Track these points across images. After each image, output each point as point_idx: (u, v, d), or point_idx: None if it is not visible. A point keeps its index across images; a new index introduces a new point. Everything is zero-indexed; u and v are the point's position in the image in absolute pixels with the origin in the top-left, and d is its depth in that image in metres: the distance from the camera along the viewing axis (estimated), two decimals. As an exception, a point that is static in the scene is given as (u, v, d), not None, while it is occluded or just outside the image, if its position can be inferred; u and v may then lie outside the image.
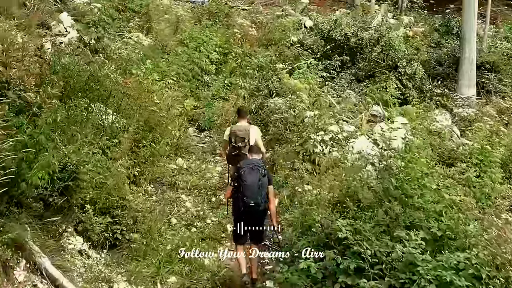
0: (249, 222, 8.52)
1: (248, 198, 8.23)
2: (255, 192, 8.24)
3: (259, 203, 8.28)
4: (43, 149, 7.55)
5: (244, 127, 10.16)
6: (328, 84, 15.18)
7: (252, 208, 8.28)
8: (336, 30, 16.71)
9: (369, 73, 16.52)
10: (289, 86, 13.78)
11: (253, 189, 8.23)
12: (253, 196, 8.23)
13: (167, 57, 16.62)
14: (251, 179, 8.26)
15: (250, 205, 8.24)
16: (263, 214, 8.57)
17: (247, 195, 8.23)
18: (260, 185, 8.28)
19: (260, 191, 8.29)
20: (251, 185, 8.23)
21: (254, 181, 8.25)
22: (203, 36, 18.13)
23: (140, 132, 11.02)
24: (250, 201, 8.22)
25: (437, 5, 36.62)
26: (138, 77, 12.99)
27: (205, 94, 16.27)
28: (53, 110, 9.43)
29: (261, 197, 8.30)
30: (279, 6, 31.48)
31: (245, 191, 8.26)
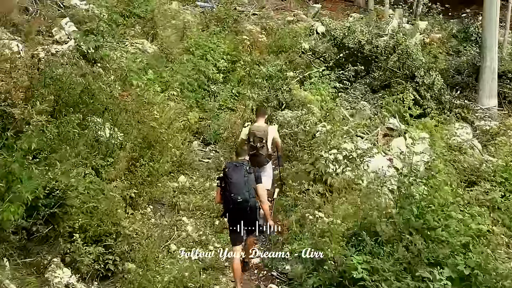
0: (241, 220, 8.60)
1: (235, 195, 8.31)
2: (242, 188, 8.33)
3: (247, 198, 8.35)
4: (17, 180, 6.72)
5: (263, 127, 10.30)
6: (341, 95, 14.24)
7: (241, 204, 8.35)
8: (350, 38, 15.76)
9: (384, 83, 15.59)
10: (299, 98, 12.88)
11: (239, 185, 8.33)
12: (239, 192, 8.31)
13: (172, 66, 15.80)
14: (236, 176, 8.37)
15: (238, 201, 8.31)
16: (254, 212, 8.62)
17: (233, 192, 8.32)
18: (245, 181, 8.37)
19: (247, 187, 8.37)
20: (237, 182, 8.34)
21: (239, 178, 8.36)
22: (210, 43, 17.29)
23: (138, 149, 10.21)
24: (238, 197, 8.30)
25: (453, 9, 35.61)
26: (138, 89, 12.17)
27: (211, 104, 15.40)
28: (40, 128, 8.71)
29: (248, 193, 8.37)
30: (290, 11, 30.65)
31: (231, 188, 8.35)
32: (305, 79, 16.60)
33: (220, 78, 16.96)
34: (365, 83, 15.44)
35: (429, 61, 16.54)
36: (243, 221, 8.59)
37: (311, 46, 20.46)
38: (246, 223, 8.63)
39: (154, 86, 12.90)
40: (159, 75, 14.55)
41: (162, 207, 10.69)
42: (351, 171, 10.18)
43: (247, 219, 8.61)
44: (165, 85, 14.33)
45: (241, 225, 8.61)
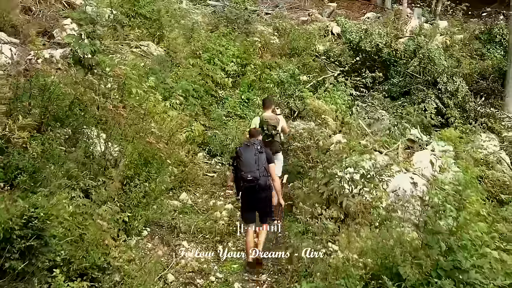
0: (253, 199, 8.80)
1: (245, 173, 8.51)
2: (252, 166, 8.52)
3: (257, 176, 8.51)
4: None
5: (274, 116, 10.64)
6: (357, 103, 13.16)
7: (251, 182, 8.53)
8: (367, 41, 14.64)
9: (404, 89, 14.54)
10: (312, 108, 11.86)
11: (250, 163, 8.54)
12: (250, 170, 8.51)
13: (177, 70, 14.84)
14: (246, 154, 8.62)
15: (249, 178, 8.50)
16: (266, 192, 8.79)
17: (244, 170, 8.54)
18: (256, 159, 8.56)
19: (257, 165, 8.55)
20: (247, 160, 8.56)
21: (250, 156, 8.58)
22: (219, 46, 16.32)
23: (133, 167, 9.25)
24: (248, 175, 8.49)
25: (473, 8, 34.34)
26: (138, 98, 11.23)
27: (219, 112, 14.44)
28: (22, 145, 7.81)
29: (259, 172, 8.54)
30: (305, 10, 29.63)
31: (242, 166, 8.58)
32: (319, 84, 15.58)
33: (229, 83, 16.05)
34: (383, 89, 14.32)
35: (451, 65, 15.41)
36: (255, 202, 8.81)
37: (326, 48, 19.45)
38: (258, 204, 8.85)
39: (156, 94, 11.93)
40: (162, 80, 13.60)
41: (161, 229, 9.73)
42: (369, 192, 9.14)
43: (258, 199, 8.77)
44: (169, 91, 13.39)
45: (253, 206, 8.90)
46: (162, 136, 10.37)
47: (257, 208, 8.97)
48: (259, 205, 8.92)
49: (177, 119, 11.77)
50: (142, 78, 12.82)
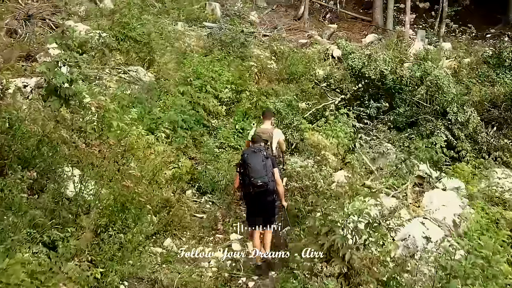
0: (260, 205, 9.06)
1: (255, 178, 8.73)
2: (261, 172, 8.77)
3: (266, 182, 8.78)
4: None
5: (268, 130, 10.44)
6: (361, 135, 12.01)
7: (261, 187, 8.77)
8: (370, 67, 13.54)
9: (410, 119, 13.44)
10: (311, 143, 10.76)
11: (259, 169, 8.77)
12: (260, 176, 8.74)
13: (166, 98, 13.79)
14: (254, 161, 8.82)
15: (259, 184, 8.73)
16: (273, 197, 9.07)
17: (253, 176, 8.76)
18: (264, 165, 8.82)
19: (266, 171, 8.80)
20: (256, 166, 8.78)
21: (258, 162, 8.80)
22: (212, 72, 15.26)
23: (108, 214, 8.15)
24: (258, 181, 8.71)
25: (476, 29, 33.48)
26: (119, 132, 10.17)
27: (211, 143, 13.36)
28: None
29: (267, 177, 8.80)
30: (304, 32, 28.71)
31: (251, 172, 8.79)
32: (319, 112, 14.52)
33: (223, 111, 15.00)
34: (388, 119, 13.21)
35: (460, 93, 14.34)
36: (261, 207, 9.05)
37: (326, 72, 18.44)
38: (264, 209, 9.08)
39: (139, 127, 10.85)
40: (149, 110, 12.54)
41: (140, 284, 8.58)
42: (376, 243, 8.01)
43: (266, 204, 9.04)
44: (156, 123, 12.32)
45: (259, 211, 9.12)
46: (144, 176, 9.25)
47: (264, 212, 9.16)
48: (266, 209, 9.14)
49: (163, 154, 10.66)
50: (126, 109, 11.79)
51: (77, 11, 22.05)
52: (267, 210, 9.18)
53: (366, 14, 33.58)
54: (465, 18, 33.74)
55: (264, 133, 10.30)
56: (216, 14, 27.01)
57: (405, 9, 31.18)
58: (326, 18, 32.08)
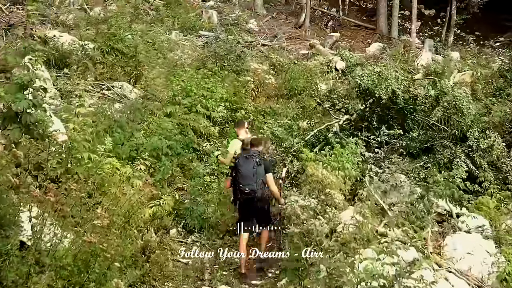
0: (250, 210, 8.94)
1: (243, 186, 8.66)
2: (250, 179, 8.64)
3: (254, 189, 8.64)
4: None
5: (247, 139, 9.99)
6: (370, 166, 10.43)
7: (248, 194, 8.68)
8: (381, 87, 11.96)
9: (425, 145, 11.92)
10: (315, 178, 9.25)
11: (248, 176, 8.65)
12: (248, 183, 8.63)
13: (151, 120, 12.30)
14: (245, 167, 8.70)
15: (246, 191, 8.64)
16: (263, 202, 8.94)
17: (242, 183, 8.69)
18: (254, 172, 8.65)
19: (256, 178, 8.65)
20: (246, 173, 8.67)
21: (249, 169, 8.67)
22: (203, 89, 13.78)
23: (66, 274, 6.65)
24: (246, 188, 8.63)
25: (484, 38, 32.13)
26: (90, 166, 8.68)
27: (201, 170, 11.89)
28: None
29: (256, 184, 8.67)
30: (305, 40, 27.27)
31: (240, 179, 8.73)
32: (322, 134, 13.03)
33: (215, 132, 13.51)
34: (400, 145, 11.65)
35: (479, 112, 12.85)
36: (252, 212, 8.92)
37: (329, 87, 16.99)
38: (256, 214, 8.95)
39: (114, 159, 9.36)
40: (130, 136, 11.06)
41: None
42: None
43: (256, 210, 8.91)
44: (137, 150, 10.84)
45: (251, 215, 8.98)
46: (115, 223, 7.75)
47: (255, 216, 9.01)
48: (257, 215, 9.00)
49: (142, 190, 9.15)
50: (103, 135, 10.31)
51: (65, 20, 20.64)
52: (258, 216, 9.03)
53: (370, 21, 32.18)
54: (472, 26, 32.43)
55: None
56: (213, 22, 25.63)
57: (410, 16, 29.85)
58: (328, 26, 30.65)
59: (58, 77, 15.01)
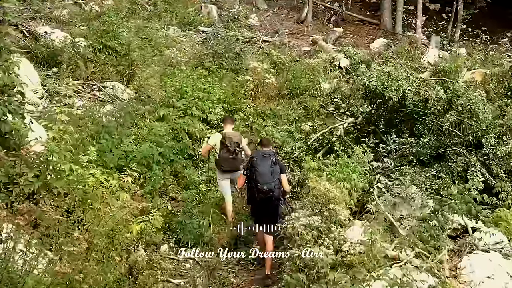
0: (265, 209, 8.81)
1: (261, 184, 8.49)
2: (268, 178, 8.50)
3: (272, 188, 8.52)
4: None
5: (237, 133, 10.55)
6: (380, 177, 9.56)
7: (266, 193, 8.52)
8: (392, 89, 11.04)
9: (436, 151, 11.08)
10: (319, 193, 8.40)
11: (266, 175, 8.51)
12: (266, 182, 8.48)
13: (143, 125, 11.46)
14: (263, 166, 8.57)
15: (264, 190, 8.49)
16: (277, 202, 8.82)
17: (260, 182, 8.52)
18: (272, 171, 8.55)
19: (273, 177, 8.54)
20: (264, 172, 8.53)
21: (266, 168, 8.55)
22: (199, 91, 12.96)
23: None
24: (264, 187, 8.47)
25: (491, 33, 31.30)
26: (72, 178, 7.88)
27: (196, 178, 11.09)
28: None
29: (274, 183, 8.55)
30: (307, 36, 26.41)
31: (258, 177, 8.55)
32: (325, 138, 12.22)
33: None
34: (410, 151, 10.78)
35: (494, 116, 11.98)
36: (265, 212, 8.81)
37: (333, 86, 16.16)
38: (268, 212, 8.79)
39: (97, 171, 8.53)
40: (117, 143, 10.24)
41: None
42: None
43: (270, 209, 8.78)
44: (127, 158, 10.02)
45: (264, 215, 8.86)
46: (96, 245, 6.93)
47: (267, 216, 8.86)
48: (269, 214, 8.85)
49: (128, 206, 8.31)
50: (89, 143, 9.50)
51: (59, 15, 19.76)
52: (270, 215, 8.86)
53: (374, 16, 31.38)
54: (478, 20, 31.59)
55: (234, 135, 10.23)
56: (212, 17, 24.76)
57: (415, 11, 29.04)
58: (331, 21, 29.84)
59: (48, 76, 14.24)
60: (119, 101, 13.40)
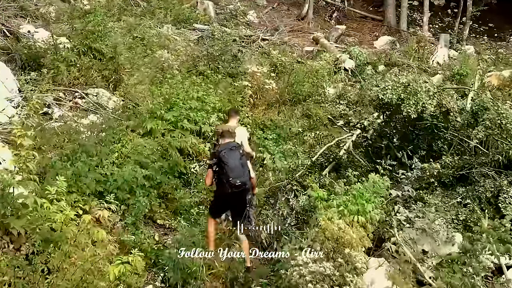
0: (234, 203, 8.48)
1: (234, 178, 8.13)
2: (240, 171, 8.22)
3: (245, 181, 8.27)
4: None
5: (230, 127, 9.40)
6: (399, 208, 8.22)
7: (239, 187, 8.20)
8: (410, 103, 9.63)
9: (460, 172, 9.75)
10: (329, 236, 7.04)
11: (237, 168, 8.20)
12: (239, 175, 8.17)
13: (126, 142, 10.12)
14: (232, 159, 8.21)
15: (237, 184, 8.14)
16: (248, 193, 8.49)
17: (232, 176, 8.13)
18: (243, 163, 8.30)
19: (244, 169, 8.31)
20: (235, 166, 8.19)
21: (236, 161, 8.23)
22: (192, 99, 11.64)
23: None
24: (237, 181, 8.13)
25: (498, 30, 29.96)
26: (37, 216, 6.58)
27: (187, 200, 9.80)
28: None
29: (245, 176, 8.30)
30: (309, 33, 25.09)
31: (229, 172, 8.15)
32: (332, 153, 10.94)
33: (206, 150, 11.42)
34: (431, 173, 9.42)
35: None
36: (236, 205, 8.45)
37: (338, 91, 14.86)
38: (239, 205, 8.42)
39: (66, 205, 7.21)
40: (96, 164, 8.91)
41: None
42: None
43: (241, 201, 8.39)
44: (106, 183, 8.69)
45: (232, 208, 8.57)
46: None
47: (235, 209, 8.53)
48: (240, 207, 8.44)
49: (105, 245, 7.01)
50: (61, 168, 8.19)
51: (46, 12, 18.43)
52: (239, 208, 8.46)
53: (377, 12, 30.14)
54: (485, 17, 30.27)
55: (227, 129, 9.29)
56: (209, 14, 23.41)
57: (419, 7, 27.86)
58: (333, 17, 28.57)
59: (28, 80, 12.97)
60: (104, 110, 12.10)
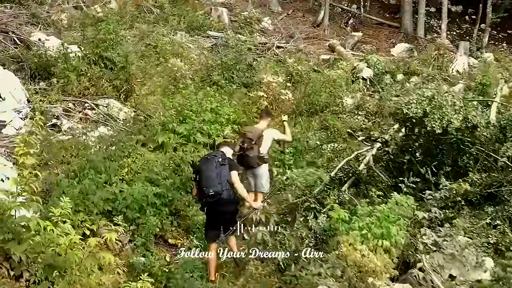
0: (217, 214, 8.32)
1: (207, 188, 8.09)
2: (213, 180, 8.09)
3: (219, 191, 8.06)
4: None
5: (257, 129, 10.08)
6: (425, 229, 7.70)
7: (213, 197, 8.06)
8: (435, 117, 9.10)
9: (487, 190, 9.22)
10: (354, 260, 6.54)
11: (211, 178, 8.11)
12: (211, 185, 8.07)
13: (136, 157, 9.69)
14: (206, 169, 8.21)
15: (210, 194, 8.05)
16: (231, 206, 8.37)
17: (205, 185, 8.13)
18: (218, 173, 8.12)
19: (219, 179, 8.11)
20: (208, 175, 8.15)
21: (210, 171, 8.16)
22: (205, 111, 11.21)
23: None
24: (210, 190, 8.06)
25: (517, 37, 29.30)
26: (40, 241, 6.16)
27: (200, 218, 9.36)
28: None
29: (221, 185, 8.10)
30: (324, 40, 24.61)
31: (202, 181, 8.18)
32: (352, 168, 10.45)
33: (220, 165, 10.92)
34: (458, 193, 8.87)
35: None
36: (218, 217, 8.30)
37: (357, 102, 14.36)
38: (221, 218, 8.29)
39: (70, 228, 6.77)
40: (105, 181, 8.48)
41: None
42: None
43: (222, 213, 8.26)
44: (114, 201, 8.26)
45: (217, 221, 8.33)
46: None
47: (221, 223, 8.29)
48: (223, 220, 8.30)
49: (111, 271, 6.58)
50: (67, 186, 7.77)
51: (58, 19, 18.14)
52: (224, 222, 8.30)
53: (393, 19, 29.57)
54: (504, 23, 29.64)
55: (251, 131, 10.02)
56: (223, 21, 23.02)
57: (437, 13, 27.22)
58: (349, 24, 28.07)
59: (37, 90, 12.65)
60: (114, 122, 11.70)
